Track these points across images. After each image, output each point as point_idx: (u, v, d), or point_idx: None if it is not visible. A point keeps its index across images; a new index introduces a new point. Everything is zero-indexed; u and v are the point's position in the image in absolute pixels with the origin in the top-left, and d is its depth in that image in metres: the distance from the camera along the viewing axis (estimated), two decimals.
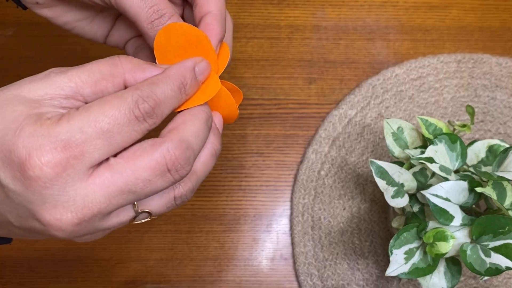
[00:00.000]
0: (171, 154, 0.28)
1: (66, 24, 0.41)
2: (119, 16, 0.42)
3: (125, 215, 0.30)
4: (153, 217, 0.31)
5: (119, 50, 0.43)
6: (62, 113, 0.27)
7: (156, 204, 0.31)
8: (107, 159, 0.27)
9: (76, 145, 0.26)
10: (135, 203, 0.30)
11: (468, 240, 0.41)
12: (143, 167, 0.27)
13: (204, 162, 0.33)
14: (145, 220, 0.31)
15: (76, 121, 0.26)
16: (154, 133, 0.29)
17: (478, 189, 0.40)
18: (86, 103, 0.29)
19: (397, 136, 0.46)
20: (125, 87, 0.30)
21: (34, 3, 0.39)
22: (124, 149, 0.28)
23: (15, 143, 0.25)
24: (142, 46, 0.42)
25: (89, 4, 0.37)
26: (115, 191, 0.27)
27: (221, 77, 0.35)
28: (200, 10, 0.36)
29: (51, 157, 0.25)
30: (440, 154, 0.42)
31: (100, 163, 0.27)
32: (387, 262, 0.55)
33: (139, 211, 0.30)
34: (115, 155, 0.28)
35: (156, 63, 0.34)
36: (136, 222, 0.31)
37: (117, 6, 0.34)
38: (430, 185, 0.41)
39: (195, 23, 0.36)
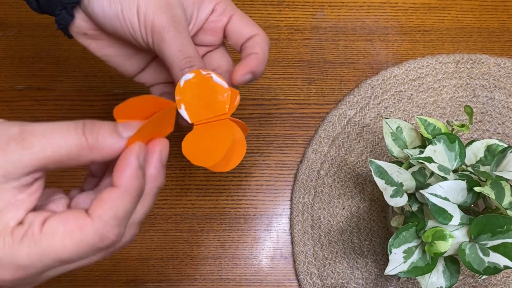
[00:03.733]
0: (103, 236, 0.28)
1: (104, 56, 0.43)
2: (154, 59, 0.45)
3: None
4: None
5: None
6: (28, 226, 0.28)
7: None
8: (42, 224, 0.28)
9: (35, 271, 0.28)
10: None
11: (467, 239, 0.41)
12: (78, 248, 0.28)
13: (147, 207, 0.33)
14: None
15: (37, 248, 0.27)
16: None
17: (477, 189, 0.40)
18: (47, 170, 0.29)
19: (396, 136, 0.47)
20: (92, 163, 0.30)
21: (82, 33, 0.41)
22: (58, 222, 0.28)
23: None
24: (168, 92, 0.45)
25: (133, 43, 0.40)
26: (54, 263, 0.28)
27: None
28: (247, 51, 0.41)
29: (10, 277, 0.27)
30: (439, 154, 0.42)
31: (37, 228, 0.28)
32: (386, 261, 0.55)
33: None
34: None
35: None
36: None
37: (158, 51, 0.38)
38: (429, 185, 0.42)
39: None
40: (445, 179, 0.41)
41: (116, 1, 0.38)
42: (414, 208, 0.44)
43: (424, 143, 0.46)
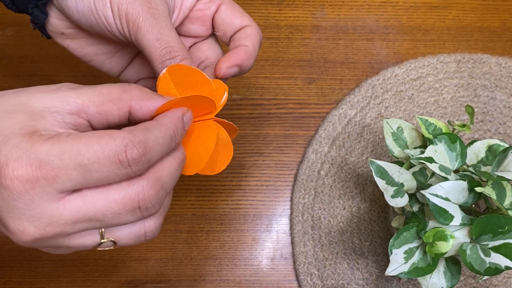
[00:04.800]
0: (145, 193, 0.28)
1: (86, 55, 0.42)
2: (136, 56, 0.44)
3: (90, 239, 0.30)
4: (117, 246, 0.31)
5: None
6: (57, 132, 0.28)
7: (124, 235, 0.31)
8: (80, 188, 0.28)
9: (51, 168, 0.26)
10: (102, 229, 0.30)
11: (468, 240, 0.41)
12: (116, 201, 0.28)
13: (170, 194, 0.33)
14: (109, 248, 0.31)
15: (60, 146, 0.27)
16: None
17: (478, 189, 0.40)
18: (89, 121, 0.30)
19: (397, 136, 0.46)
20: (130, 114, 0.31)
21: (59, 33, 0.40)
22: None
23: (0, 149, 0.26)
24: (151, 88, 0.43)
25: (112, 40, 0.39)
26: (83, 217, 0.28)
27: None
28: (236, 43, 0.39)
29: (23, 172, 0.26)
30: (440, 154, 0.42)
31: (73, 190, 0.28)
32: (386, 262, 0.55)
33: (105, 239, 0.30)
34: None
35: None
36: (100, 249, 0.31)
37: (136, 43, 0.36)
38: (430, 185, 0.41)
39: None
40: (446, 179, 0.41)
41: None
42: (415, 208, 0.44)
43: (425, 143, 0.46)
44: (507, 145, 0.44)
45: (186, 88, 0.35)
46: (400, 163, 0.46)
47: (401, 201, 0.43)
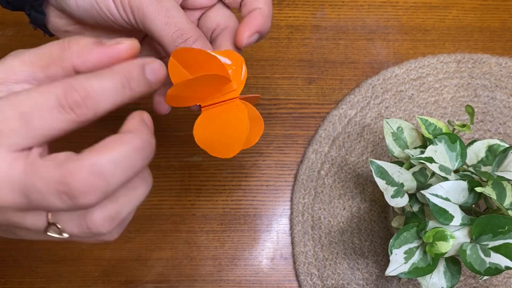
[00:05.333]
0: (74, 175, 0.25)
1: None
2: (143, 40, 0.42)
3: (37, 219, 0.28)
4: (67, 236, 0.29)
5: None
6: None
7: (67, 223, 0.28)
8: (30, 149, 0.26)
9: None
10: (49, 214, 0.28)
11: (468, 240, 0.41)
12: (43, 178, 0.25)
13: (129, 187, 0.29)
14: (58, 236, 0.29)
15: (0, 102, 0.26)
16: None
17: (478, 189, 0.40)
18: None
19: (397, 136, 0.46)
20: (76, 71, 0.29)
21: (62, 31, 0.39)
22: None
23: None
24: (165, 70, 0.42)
25: (117, 29, 0.38)
26: (17, 186, 0.26)
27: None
28: (249, 7, 0.37)
29: None
30: (440, 154, 0.42)
31: (22, 150, 0.26)
32: (387, 262, 0.55)
33: (50, 220, 0.28)
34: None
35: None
36: (49, 234, 0.29)
37: (145, 29, 0.35)
38: (430, 185, 0.41)
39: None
40: (446, 179, 0.41)
41: None
42: (415, 208, 0.44)
43: (425, 143, 0.46)
44: (507, 145, 0.44)
45: (197, 69, 0.34)
46: (400, 163, 0.46)
47: (401, 201, 0.43)
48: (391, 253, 0.41)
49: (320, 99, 0.62)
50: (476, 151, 0.45)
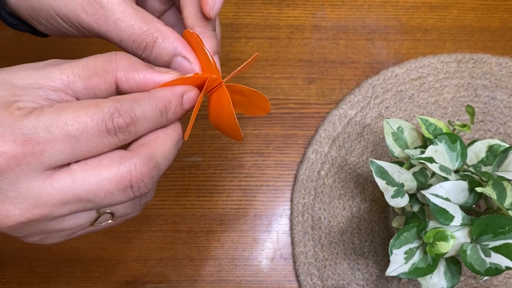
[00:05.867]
0: (137, 171, 0.27)
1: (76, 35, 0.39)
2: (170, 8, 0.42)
3: (84, 216, 0.29)
4: (115, 218, 0.30)
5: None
6: (40, 106, 0.26)
7: (118, 209, 0.30)
8: (68, 164, 0.26)
9: (38, 142, 0.25)
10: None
11: (468, 240, 0.41)
12: (108, 179, 0.26)
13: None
14: (107, 222, 0.30)
15: (45, 118, 0.25)
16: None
17: (478, 189, 0.40)
18: (77, 98, 0.29)
19: (397, 136, 0.46)
20: (117, 86, 0.29)
21: (62, 35, 0.38)
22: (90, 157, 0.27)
23: None
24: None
25: None
26: (73, 197, 0.26)
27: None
28: (191, 24, 0.36)
29: (8, 148, 0.24)
30: (440, 154, 0.42)
31: (61, 166, 0.26)
32: (387, 262, 0.55)
33: (101, 211, 0.29)
34: (77, 161, 0.27)
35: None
36: (96, 225, 0.30)
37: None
38: (430, 185, 0.41)
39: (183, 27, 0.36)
40: (446, 179, 0.41)
41: (30, 13, 0.33)
42: (415, 208, 0.44)
43: (425, 143, 0.46)
44: (507, 145, 0.44)
45: (200, 58, 0.34)
46: (400, 163, 0.46)
47: (401, 201, 0.43)
48: (391, 253, 0.41)
49: (320, 99, 0.62)
50: (477, 151, 0.45)
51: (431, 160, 0.41)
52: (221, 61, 0.63)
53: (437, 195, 0.40)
